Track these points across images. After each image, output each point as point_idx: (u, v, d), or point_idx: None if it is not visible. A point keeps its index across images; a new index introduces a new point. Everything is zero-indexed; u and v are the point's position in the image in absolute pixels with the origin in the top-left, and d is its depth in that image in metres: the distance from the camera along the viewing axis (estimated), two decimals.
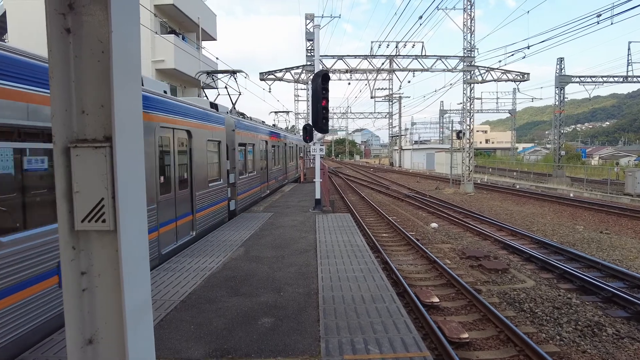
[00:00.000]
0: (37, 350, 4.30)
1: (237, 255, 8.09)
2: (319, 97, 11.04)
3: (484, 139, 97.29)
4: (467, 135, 28.16)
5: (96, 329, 1.83)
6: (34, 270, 4.39)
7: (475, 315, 6.76)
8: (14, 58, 4.29)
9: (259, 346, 4.27)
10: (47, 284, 4.59)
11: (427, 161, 57.13)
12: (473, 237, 12.82)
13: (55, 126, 1.71)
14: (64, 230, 1.73)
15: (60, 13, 1.68)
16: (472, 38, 26.49)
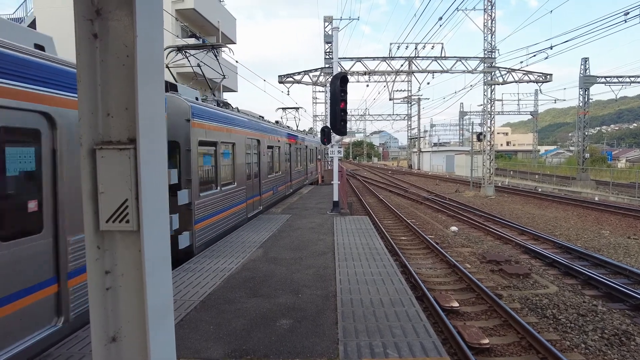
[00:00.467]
0: (62, 346, 4.40)
1: (256, 257, 8.14)
2: (338, 100, 11.06)
3: (504, 141, 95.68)
4: (487, 138, 27.73)
5: (119, 327, 1.87)
6: None
7: (496, 321, 6.64)
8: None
9: (277, 347, 4.28)
10: None
11: (447, 163, 56.48)
12: (494, 241, 12.60)
13: (82, 128, 1.75)
14: (90, 230, 1.77)
15: (88, 19, 1.73)
16: (492, 39, 26.12)
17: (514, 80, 27.83)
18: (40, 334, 4.16)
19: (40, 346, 4.14)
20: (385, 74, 28.76)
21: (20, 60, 3.98)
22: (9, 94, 3.81)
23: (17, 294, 3.86)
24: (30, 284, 4.03)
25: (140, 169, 1.73)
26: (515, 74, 27.56)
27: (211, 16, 23.38)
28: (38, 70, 4.18)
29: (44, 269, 4.24)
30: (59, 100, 4.42)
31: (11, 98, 3.83)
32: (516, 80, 27.85)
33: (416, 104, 60.63)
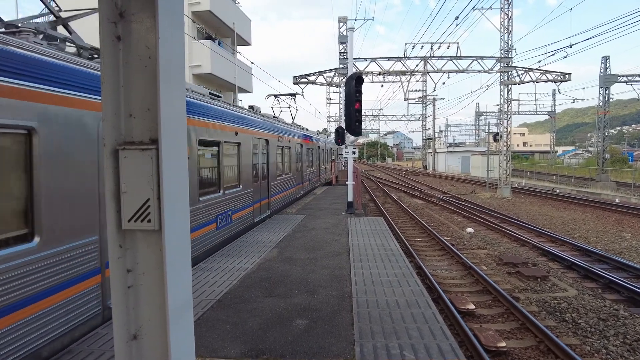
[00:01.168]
0: (83, 343, 4.50)
1: (271, 257, 8.19)
2: (353, 100, 11.05)
3: (521, 141, 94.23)
4: (504, 138, 27.36)
5: (140, 325, 1.89)
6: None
7: (513, 324, 6.55)
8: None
9: (293, 347, 4.30)
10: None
11: (462, 164, 55.89)
12: (510, 243, 12.43)
13: (106, 129, 1.77)
14: (112, 229, 1.78)
15: (112, 22, 1.75)
16: (509, 38, 25.76)
17: (531, 80, 27.39)
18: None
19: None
20: (400, 74, 28.58)
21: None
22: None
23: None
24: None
25: (162, 169, 1.75)
26: (533, 73, 27.13)
27: (227, 18, 23.58)
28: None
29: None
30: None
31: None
32: (533, 79, 27.40)
33: (431, 104, 60.17)
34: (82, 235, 4.66)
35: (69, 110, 4.47)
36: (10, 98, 3.78)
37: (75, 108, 4.57)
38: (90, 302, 4.74)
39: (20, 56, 3.94)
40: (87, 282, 4.73)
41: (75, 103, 4.59)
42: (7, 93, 3.75)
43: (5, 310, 3.69)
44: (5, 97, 3.74)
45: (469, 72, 26.92)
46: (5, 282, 3.70)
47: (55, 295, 4.28)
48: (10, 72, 3.81)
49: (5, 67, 3.75)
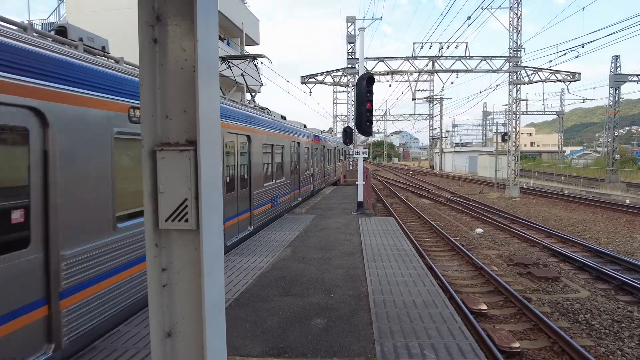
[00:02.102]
0: (106, 340, 4.60)
1: (285, 256, 8.28)
2: (364, 100, 11.08)
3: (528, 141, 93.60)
4: (512, 138, 27.26)
5: (174, 323, 1.93)
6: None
7: (526, 325, 6.59)
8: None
9: (314, 346, 4.38)
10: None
11: (470, 164, 55.68)
12: (520, 244, 12.43)
13: (144, 130, 1.80)
14: (149, 228, 1.81)
15: (150, 25, 1.80)
16: (518, 38, 25.65)
17: (541, 79, 27.26)
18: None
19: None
20: (408, 73, 28.57)
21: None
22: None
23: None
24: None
25: (200, 170, 1.78)
26: (542, 73, 27.00)
27: (235, 18, 23.68)
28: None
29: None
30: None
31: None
32: (543, 79, 27.27)
33: (439, 103, 60.02)
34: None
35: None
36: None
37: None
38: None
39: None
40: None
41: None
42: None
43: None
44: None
45: (477, 72, 26.86)
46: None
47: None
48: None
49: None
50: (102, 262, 4.58)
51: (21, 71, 3.64)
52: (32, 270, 3.71)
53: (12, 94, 3.53)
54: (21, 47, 3.71)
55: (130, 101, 5.19)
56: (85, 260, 4.32)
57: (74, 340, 4.12)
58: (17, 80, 3.59)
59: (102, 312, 4.59)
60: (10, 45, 3.58)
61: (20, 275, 3.58)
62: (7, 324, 3.44)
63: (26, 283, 3.64)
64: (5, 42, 3.54)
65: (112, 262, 4.74)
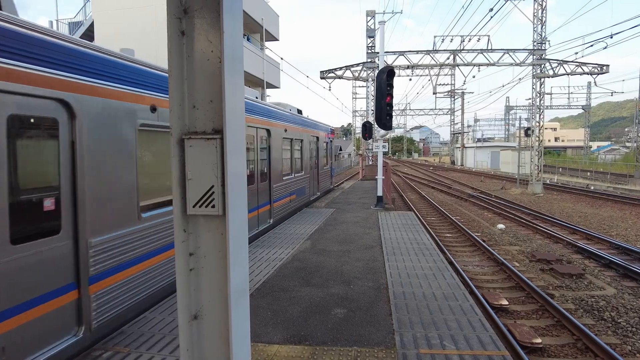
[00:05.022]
0: (133, 325, 4.76)
1: (305, 248, 8.37)
2: (384, 93, 11.05)
3: (552, 136, 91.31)
4: (536, 133, 26.67)
5: (201, 306, 2.01)
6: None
7: (548, 321, 6.50)
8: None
9: (334, 335, 4.45)
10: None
11: (492, 160, 54.73)
12: (543, 240, 12.21)
13: (172, 119, 1.86)
14: (178, 214, 1.86)
15: (177, 17, 1.86)
16: (542, 30, 25.01)
17: (566, 72, 26.51)
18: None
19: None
20: (429, 67, 28.21)
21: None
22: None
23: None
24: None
25: (226, 158, 1.83)
26: (568, 65, 26.26)
27: (255, 13, 23.80)
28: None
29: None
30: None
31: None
32: (568, 72, 26.52)
33: (460, 98, 59.11)
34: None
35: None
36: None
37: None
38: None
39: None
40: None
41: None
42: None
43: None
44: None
45: (499, 65, 26.29)
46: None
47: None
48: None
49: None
50: (127, 250, 4.72)
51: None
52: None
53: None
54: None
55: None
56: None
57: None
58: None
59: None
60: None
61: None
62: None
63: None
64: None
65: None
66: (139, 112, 4.98)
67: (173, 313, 4.96)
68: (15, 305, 3.42)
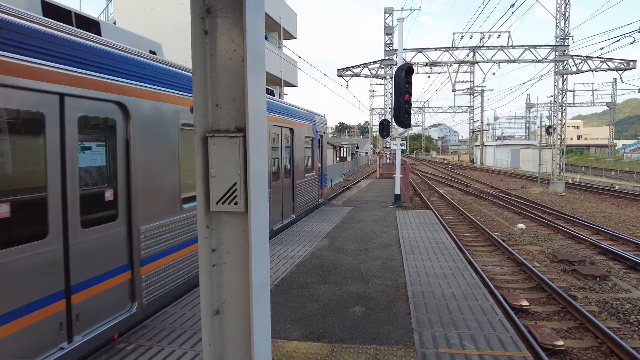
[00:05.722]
0: (155, 319, 4.86)
1: (322, 246, 8.40)
2: (402, 91, 10.97)
3: (575, 134, 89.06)
4: (557, 131, 26.07)
5: (223, 302, 2.02)
6: None
7: (571, 323, 6.37)
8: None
9: (352, 333, 4.46)
10: None
11: (512, 158, 53.76)
12: (565, 240, 11.94)
13: (196, 117, 1.89)
14: (201, 211, 1.92)
15: (201, 17, 1.87)
16: (566, 25, 24.39)
17: (590, 68, 25.81)
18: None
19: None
20: (447, 64, 27.85)
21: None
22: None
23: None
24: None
25: (249, 155, 1.85)
26: (592, 61, 25.55)
27: (273, 12, 23.88)
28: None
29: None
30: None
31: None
32: (592, 68, 25.80)
33: (479, 95, 58.23)
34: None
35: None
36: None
37: None
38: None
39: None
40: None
41: None
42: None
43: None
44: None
45: (520, 62, 25.76)
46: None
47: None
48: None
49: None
50: (170, 237, 5.21)
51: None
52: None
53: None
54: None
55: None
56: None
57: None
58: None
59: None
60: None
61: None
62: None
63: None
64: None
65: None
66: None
67: (194, 308, 5.05)
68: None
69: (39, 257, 3.48)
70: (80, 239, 3.89)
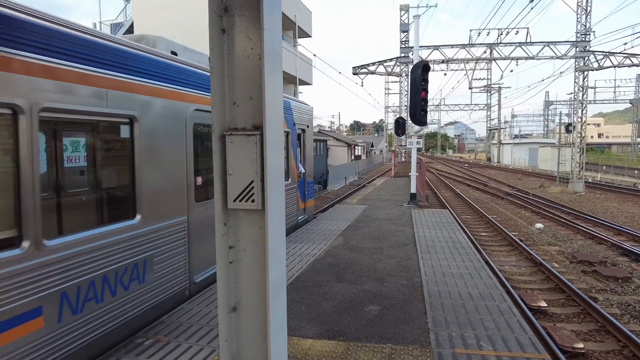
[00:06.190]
0: (172, 316, 4.92)
1: (337, 244, 8.39)
2: (418, 88, 10.87)
3: (595, 132, 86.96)
4: (577, 129, 25.50)
5: (239, 298, 2.03)
6: None
7: (591, 325, 6.24)
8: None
9: (368, 332, 4.44)
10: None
11: (530, 157, 52.84)
12: (585, 241, 11.69)
13: (214, 116, 1.90)
14: (219, 208, 1.93)
15: (218, 15, 1.87)
16: (587, 20, 23.82)
17: (612, 65, 25.15)
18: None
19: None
20: (464, 61, 27.49)
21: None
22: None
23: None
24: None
25: (266, 153, 1.85)
26: (615, 57, 24.90)
27: (288, 10, 23.90)
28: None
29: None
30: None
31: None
32: (615, 64, 25.14)
33: (497, 92, 57.37)
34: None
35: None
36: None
37: None
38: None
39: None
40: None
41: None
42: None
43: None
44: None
45: (539, 59, 25.26)
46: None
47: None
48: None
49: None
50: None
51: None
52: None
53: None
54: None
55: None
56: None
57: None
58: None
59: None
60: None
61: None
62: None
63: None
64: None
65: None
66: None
67: (210, 305, 5.10)
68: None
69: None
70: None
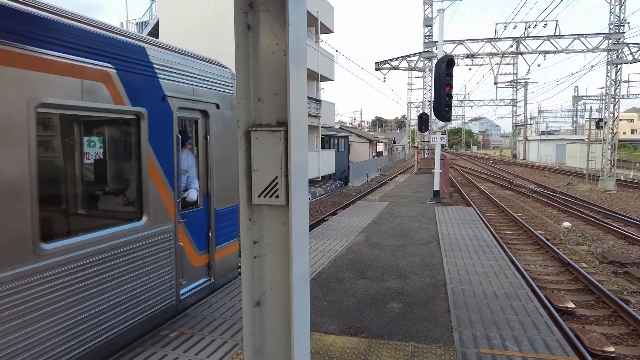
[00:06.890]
0: (197, 309, 5.00)
1: (359, 241, 8.37)
2: (443, 84, 10.67)
3: (629, 128, 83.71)
4: (609, 125, 24.61)
5: (263, 293, 2.04)
6: None
7: (623, 329, 6.03)
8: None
9: (390, 329, 4.41)
10: None
11: (557, 154, 51.33)
12: (616, 241, 11.30)
13: (239, 112, 1.91)
14: (244, 204, 1.94)
15: (243, 11, 1.87)
16: (621, 11, 22.89)
17: None
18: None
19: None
20: (489, 56, 26.88)
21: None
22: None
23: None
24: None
25: (290, 149, 1.85)
26: None
27: (310, 6, 23.87)
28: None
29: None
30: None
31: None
32: None
33: (523, 88, 55.93)
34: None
35: None
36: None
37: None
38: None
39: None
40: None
41: None
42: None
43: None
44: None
45: (569, 52, 24.44)
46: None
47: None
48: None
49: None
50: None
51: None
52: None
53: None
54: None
55: None
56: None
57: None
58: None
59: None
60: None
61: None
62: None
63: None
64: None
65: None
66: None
67: (233, 299, 5.16)
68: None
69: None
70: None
